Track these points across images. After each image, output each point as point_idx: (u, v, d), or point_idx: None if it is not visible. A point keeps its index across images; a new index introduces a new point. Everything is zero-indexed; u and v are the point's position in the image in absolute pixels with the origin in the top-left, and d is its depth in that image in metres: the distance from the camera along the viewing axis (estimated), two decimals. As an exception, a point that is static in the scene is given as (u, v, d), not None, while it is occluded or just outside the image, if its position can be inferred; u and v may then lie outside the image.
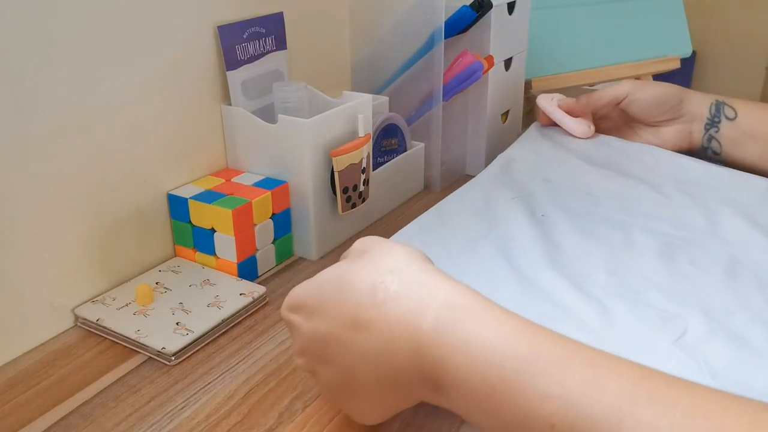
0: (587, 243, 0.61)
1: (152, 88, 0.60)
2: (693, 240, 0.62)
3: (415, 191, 0.80)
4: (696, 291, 0.54)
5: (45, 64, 0.51)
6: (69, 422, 0.45)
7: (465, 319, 0.34)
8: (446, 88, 0.77)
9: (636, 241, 0.61)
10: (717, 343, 0.48)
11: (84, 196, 0.56)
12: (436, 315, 0.34)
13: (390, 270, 0.36)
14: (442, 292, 0.35)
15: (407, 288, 0.35)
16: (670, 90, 0.76)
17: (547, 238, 0.61)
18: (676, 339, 0.48)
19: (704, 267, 0.58)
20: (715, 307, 0.52)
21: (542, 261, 0.57)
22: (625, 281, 0.55)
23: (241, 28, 0.65)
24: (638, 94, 0.76)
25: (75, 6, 0.52)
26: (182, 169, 0.64)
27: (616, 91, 0.77)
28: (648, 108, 0.77)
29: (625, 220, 0.65)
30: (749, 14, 2.10)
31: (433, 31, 0.75)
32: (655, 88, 0.77)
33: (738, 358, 0.46)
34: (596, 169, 0.74)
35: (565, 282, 0.54)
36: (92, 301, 0.57)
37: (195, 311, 0.55)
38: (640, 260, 0.58)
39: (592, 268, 0.57)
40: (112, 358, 0.52)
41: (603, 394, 0.30)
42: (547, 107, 0.82)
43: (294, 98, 0.65)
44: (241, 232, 0.60)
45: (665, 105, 0.76)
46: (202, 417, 0.46)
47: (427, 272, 0.36)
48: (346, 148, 0.63)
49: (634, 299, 0.53)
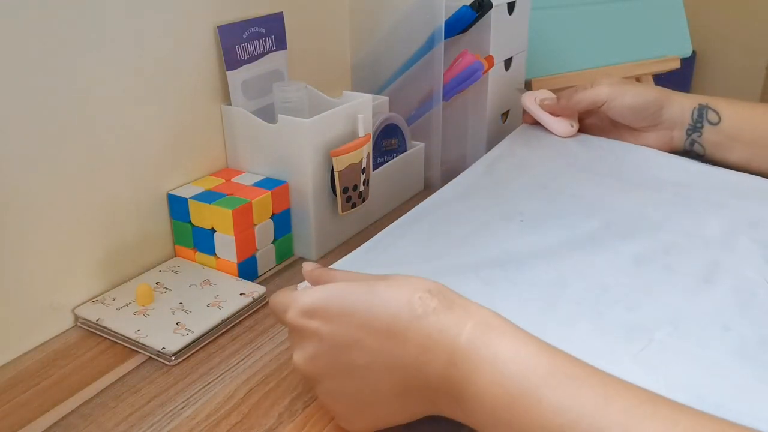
0: (560, 249, 0.60)
1: (152, 87, 0.60)
2: (673, 243, 0.61)
3: (415, 191, 0.80)
4: (668, 299, 0.54)
5: (45, 64, 0.51)
6: (69, 422, 0.45)
7: (495, 337, 0.37)
8: (446, 88, 0.77)
9: (612, 245, 0.60)
10: (678, 354, 0.47)
11: (84, 196, 0.56)
12: (471, 331, 0.37)
13: (428, 289, 0.39)
14: (476, 314, 0.38)
15: (446, 306, 0.38)
16: (649, 97, 0.75)
17: (522, 241, 0.61)
18: (639, 351, 0.48)
19: (681, 272, 0.57)
20: (685, 316, 0.52)
21: (507, 267, 0.57)
22: (592, 289, 0.54)
23: (241, 28, 0.65)
24: (616, 102, 0.76)
25: (75, 6, 0.52)
26: (182, 169, 0.64)
27: (593, 96, 0.77)
28: (626, 115, 0.77)
29: (606, 223, 0.64)
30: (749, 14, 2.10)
31: (433, 31, 0.75)
32: (633, 96, 0.75)
33: (697, 371, 0.46)
34: (579, 170, 0.74)
35: (533, 289, 0.54)
36: (92, 301, 0.57)
37: (195, 311, 0.55)
38: (614, 265, 0.57)
39: (560, 273, 0.56)
40: (112, 358, 0.52)
41: (611, 410, 0.33)
42: (530, 106, 0.82)
43: (294, 98, 0.65)
44: (241, 232, 0.60)
45: (644, 112, 0.76)
46: (202, 417, 0.46)
47: (459, 297, 0.39)
48: (346, 148, 0.63)
49: (597, 309, 0.52)
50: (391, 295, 0.39)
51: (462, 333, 0.37)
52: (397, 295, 0.39)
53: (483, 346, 0.36)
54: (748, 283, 0.56)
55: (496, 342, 0.36)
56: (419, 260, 0.58)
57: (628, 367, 0.46)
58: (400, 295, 0.38)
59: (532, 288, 0.54)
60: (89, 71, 0.54)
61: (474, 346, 0.36)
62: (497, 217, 0.65)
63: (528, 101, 0.82)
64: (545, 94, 0.83)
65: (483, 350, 0.36)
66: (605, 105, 0.77)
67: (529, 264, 0.57)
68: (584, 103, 0.78)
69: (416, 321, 0.37)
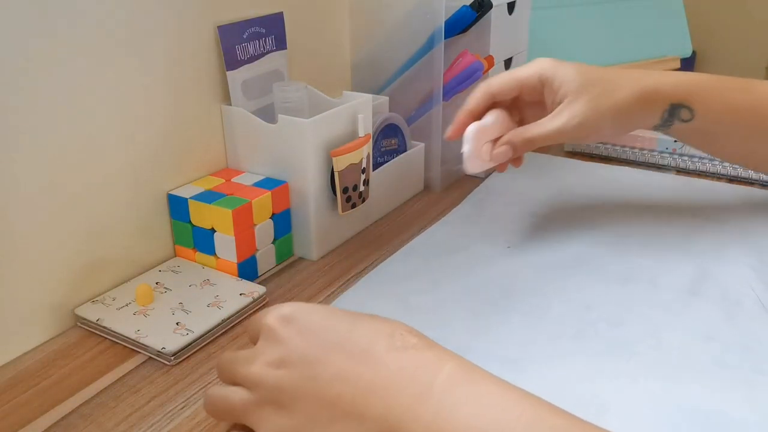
0: (545, 271, 0.60)
1: (152, 87, 0.60)
2: (660, 258, 0.61)
3: (415, 191, 0.80)
4: (652, 313, 0.54)
5: (45, 63, 0.51)
6: (69, 422, 0.45)
7: (476, 380, 0.36)
8: (446, 88, 0.77)
9: (598, 264, 0.61)
10: (660, 368, 0.48)
11: (84, 196, 0.56)
12: (451, 372, 0.36)
13: (409, 330, 0.38)
14: (454, 358, 0.37)
15: (427, 346, 0.37)
16: (623, 108, 0.61)
17: (509, 269, 0.61)
18: (621, 366, 0.48)
19: (667, 286, 0.57)
20: (668, 329, 0.52)
21: (498, 293, 0.57)
22: (576, 308, 0.55)
23: (241, 28, 0.65)
24: (572, 134, 0.61)
25: (75, 6, 0.52)
26: (182, 169, 0.64)
27: (549, 132, 0.60)
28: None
29: (593, 242, 0.65)
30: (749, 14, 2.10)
31: (433, 31, 0.75)
32: (590, 131, 0.61)
33: (678, 382, 0.46)
34: (567, 195, 0.74)
35: (515, 315, 0.55)
36: (92, 301, 0.57)
37: (195, 311, 0.55)
38: (600, 283, 0.58)
39: (545, 294, 0.57)
40: (112, 358, 0.52)
41: None
42: (470, 136, 0.61)
43: (294, 98, 0.65)
44: (241, 232, 0.60)
45: (622, 128, 0.64)
46: (202, 417, 0.46)
47: (438, 344, 0.38)
48: (346, 148, 0.63)
49: (580, 327, 0.53)
50: (373, 325, 0.39)
51: (441, 372, 0.36)
52: (379, 325, 0.39)
53: (464, 387, 0.35)
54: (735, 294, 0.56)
55: (478, 385, 0.35)
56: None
57: (611, 382, 0.47)
58: (382, 326, 0.38)
59: (519, 308, 0.55)
60: (89, 71, 0.54)
61: (453, 387, 0.35)
62: (486, 244, 0.65)
63: (473, 136, 0.61)
64: (489, 132, 0.62)
65: (463, 392, 0.35)
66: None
67: (514, 287, 0.58)
68: (540, 141, 0.61)
69: (394, 352, 0.37)
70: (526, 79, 0.62)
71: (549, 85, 0.61)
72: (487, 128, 0.61)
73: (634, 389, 0.46)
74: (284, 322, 0.39)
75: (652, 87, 0.61)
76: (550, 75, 0.61)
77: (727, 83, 0.63)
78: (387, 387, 0.36)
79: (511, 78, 0.63)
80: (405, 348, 0.37)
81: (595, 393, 0.45)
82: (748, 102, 0.62)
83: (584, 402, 0.44)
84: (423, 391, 0.35)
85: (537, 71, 0.62)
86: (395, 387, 0.36)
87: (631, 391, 0.46)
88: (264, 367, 0.39)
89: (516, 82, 0.63)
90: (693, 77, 0.62)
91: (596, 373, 0.48)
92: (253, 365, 0.39)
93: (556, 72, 0.61)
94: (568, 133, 0.60)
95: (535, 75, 0.62)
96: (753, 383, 0.46)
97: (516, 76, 0.63)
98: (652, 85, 0.61)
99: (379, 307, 0.56)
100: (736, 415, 0.43)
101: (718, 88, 0.62)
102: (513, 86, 0.63)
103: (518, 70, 0.63)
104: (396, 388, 0.35)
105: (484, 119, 0.62)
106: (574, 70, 0.61)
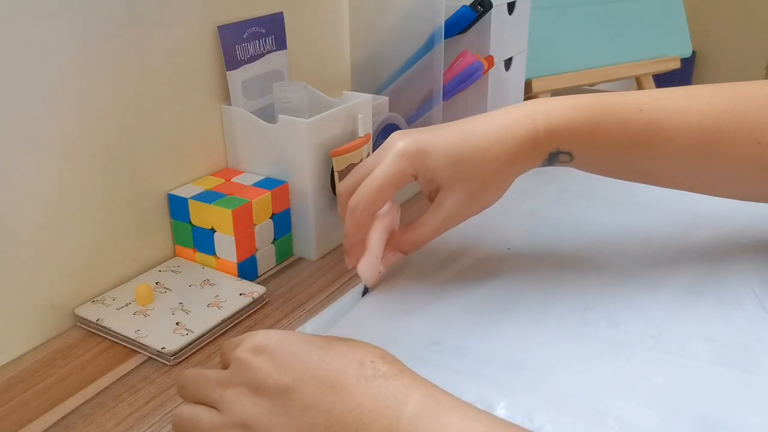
0: (546, 271, 0.60)
1: (152, 87, 0.60)
2: (661, 257, 0.61)
3: (415, 191, 0.80)
4: (652, 313, 0.54)
5: (45, 63, 0.51)
6: (69, 422, 0.45)
7: (445, 411, 0.36)
8: (446, 88, 0.77)
9: (598, 263, 0.61)
10: (659, 368, 0.48)
11: (84, 196, 0.56)
12: (419, 402, 0.36)
13: (381, 356, 0.39)
14: (423, 386, 0.37)
15: (396, 373, 0.38)
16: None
17: (509, 270, 0.61)
18: (620, 366, 0.48)
19: (667, 285, 0.57)
20: (668, 329, 0.52)
21: (496, 297, 0.57)
22: (576, 308, 0.55)
23: (241, 28, 0.65)
24: (458, 220, 0.58)
25: (75, 5, 0.52)
26: (182, 169, 0.64)
27: (437, 226, 0.57)
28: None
29: (594, 242, 0.64)
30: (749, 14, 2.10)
31: (433, 31, 0.75)
32: (476, 210, 0.58)
33: (677, 382, 0.46)
34: (567, 196, 0.74)
35: (516, 315, 0.54)
36: (92, 301, 0.57)
37: (195, 311, 0.55)
38: (600, 282, 0.58)
39: (545, 294, 0.57)
40: (112, 358, 0.52)
41: None
42: (373, 237, 0.57)
43: (294, 98, 0.65)
44: (241, 232, 0.60)
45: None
46: (202, 417, 0.46)
47: (410, 369, 0.39)
48: (346, 148, 0.63)
49: (580, 328, 0.52)
50: (345, 352, 0.39)
51: (409, 402, 0.36)
52: (350, 352, 0.39)
53: (432, 418, 0.35)
54: (735, 294, 0.56)
55: (448, 416, 0.36)
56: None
57: (610, 382, 0.47)
58: (353, 353, 0.39)
59: (519, 309, 0.55)
60: (89, 70, 0.54)
61: (422, 417, 0.35)
62: (486, 245, 0.65)
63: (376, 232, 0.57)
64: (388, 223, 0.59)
65: (435, 418, 0.35)
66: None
67: (515, 288, 0.58)
68: (428, 238, 0.59)
69: (363, 381, 0.37)
70: (401, 182, 0.56)
71: (421, 176, 0.56)
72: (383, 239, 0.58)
73: (634, 389, 0.46)
74: (257, 352, 0.39)
75: (529, 141, 0.55)
76: (419, 168, 0.56)
77: (608, 114, 0.56)
78: (357, 419, 0.36)
79: (390, 186, 0.56)
80: (375, 377, 0.37)
81: (596, 393, 0.45)
82: (633, 127, 0.55)
83: (585, 402, 0.44)
84: (392, 424, 0.36)
85: (404, 168, 0.55)
86: (365, 420, 0.36)
87: (632, 392, 0.46)
88: (237, 394, 0.39)
89: (393, 189, 0.57)
90: (573, 114, 0.55)
91: (597, 373, 0.48)
92: (226, 390, 0.39)
93: (424, 164, 0.55)
94: (454, 220, 0.58)
95: (406, 174, 0.56)
96: (753, 384, 0.46)
97: (391, 183, 0.56)
98: (529, 140, 0.55)
99: (378, 311, 0.56)
100: (736, 415, 0.43)
101: (593, 124, 0.55)
102: (392, 193, 0.57)
103: (386, 174, 0.55)
104: (365, 421, 0.36)
105: (376, 232, 0.57)
106: (442, 159, 0.55)
